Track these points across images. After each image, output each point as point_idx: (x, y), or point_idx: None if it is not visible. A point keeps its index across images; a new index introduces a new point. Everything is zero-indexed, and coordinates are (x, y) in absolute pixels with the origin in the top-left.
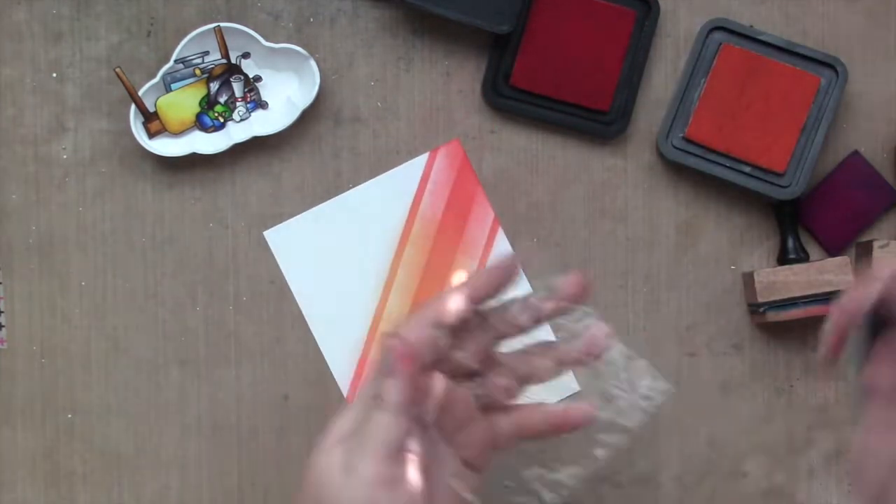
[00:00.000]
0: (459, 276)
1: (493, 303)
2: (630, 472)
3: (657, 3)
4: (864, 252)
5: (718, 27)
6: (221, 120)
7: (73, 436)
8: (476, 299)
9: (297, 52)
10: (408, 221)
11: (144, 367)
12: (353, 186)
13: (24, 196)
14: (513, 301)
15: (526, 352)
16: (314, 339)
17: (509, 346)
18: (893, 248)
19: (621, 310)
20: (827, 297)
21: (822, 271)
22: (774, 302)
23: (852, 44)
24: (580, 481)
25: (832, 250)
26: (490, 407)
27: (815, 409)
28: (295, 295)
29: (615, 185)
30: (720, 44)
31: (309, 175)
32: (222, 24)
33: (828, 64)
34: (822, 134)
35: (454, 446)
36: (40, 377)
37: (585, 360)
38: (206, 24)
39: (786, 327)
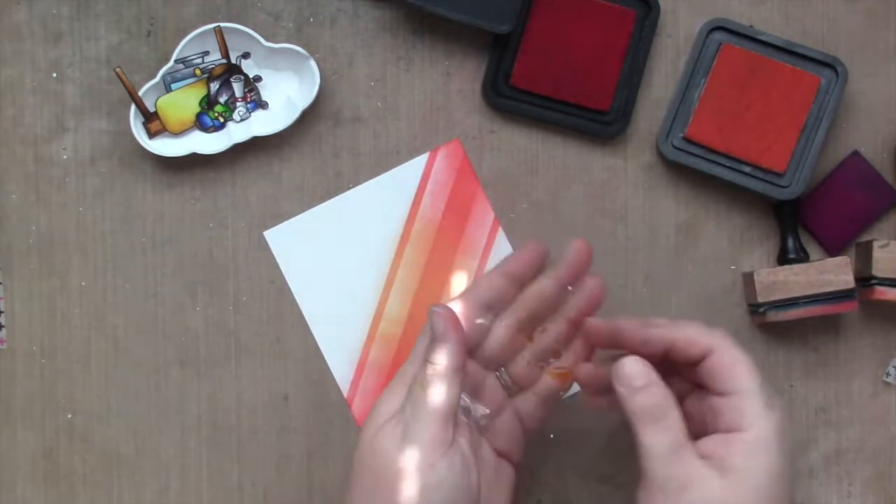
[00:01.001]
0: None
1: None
2: (630, 472)
3: (657, 3)
4: (864, 252)
5: (718, 27)
6: (221, 120)
7: (73, 436)
8: (512, 278)
9: (297, 52)
10: (408, 221)
11: (144, 367)
12: (353, 186)
13: (24, 196)
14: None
15: (544, 329)
16: (314, 339)
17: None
18: (893, 248)
19: (621, 310)
20: (827, 297)
21: (822, 271)
22: (774, 302)
23: (852, 44)
24: None
25: (832, 250)
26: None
27: (815, 409)
28: (295, 295)
29: (615, 185)
30: (720, 44)
31: (309, 175)
32: (222, 24)
33: (828, 64)
34: (822, 134)
35: (488, 438)
36: (40, 377)
37: (588, 311)
38: (206, 24)
39: (786, 327)
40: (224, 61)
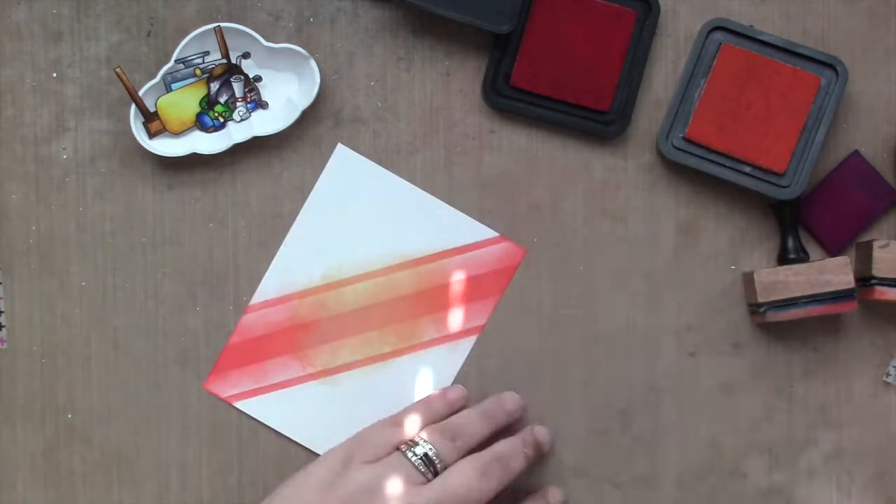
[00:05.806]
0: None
1: None
2: (630, 472)
3: (657, 3)
4: (864, 252)
5: (718, 27)
6: (221, 120)
7: (73, 436)
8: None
9: (297, 52)
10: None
11: (144, 367)
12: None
13: (24, 196)
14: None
15: None
16: None
17: None
18: (893, 248)
19: (621, 310)
20: (827, 297)
21: (822, 271)
22: (774, 302)
23: (852, 44)
24: None
25: (832, 250)
26: None
27: (815, 409)
28: None
29: (615, 185)
30: (720, 44)
31: (309, 175)
32: (222, 24)
33: (828, 64)
34: (822, 134)
35: None
36: (40, 377)
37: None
38: (206, 24)
39: (786, 327)
40: (224, 61)
